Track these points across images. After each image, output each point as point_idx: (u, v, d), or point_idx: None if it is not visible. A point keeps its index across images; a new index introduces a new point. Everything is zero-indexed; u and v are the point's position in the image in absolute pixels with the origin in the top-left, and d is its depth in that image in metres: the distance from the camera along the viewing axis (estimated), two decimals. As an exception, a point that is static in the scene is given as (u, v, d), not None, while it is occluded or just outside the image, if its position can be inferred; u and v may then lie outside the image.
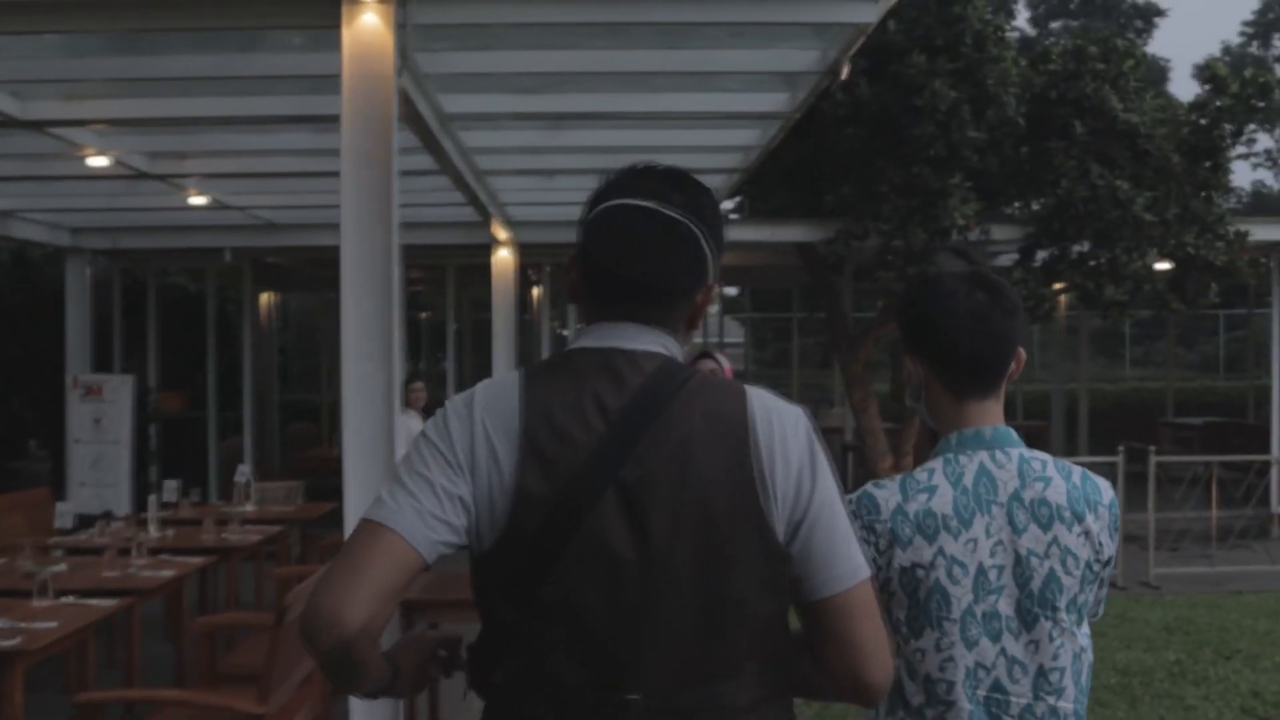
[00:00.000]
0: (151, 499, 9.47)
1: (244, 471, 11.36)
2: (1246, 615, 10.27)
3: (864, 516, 2.55)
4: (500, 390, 2.15)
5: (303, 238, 15.58)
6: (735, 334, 39.35)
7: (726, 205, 16.60)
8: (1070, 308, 19.79)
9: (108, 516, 11.34)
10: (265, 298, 22.90)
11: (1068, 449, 20.44)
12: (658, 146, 10.33)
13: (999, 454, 2.58)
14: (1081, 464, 2.70)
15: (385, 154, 6.51)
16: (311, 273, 20.86)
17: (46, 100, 8.96)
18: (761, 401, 2.16)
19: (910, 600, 2.52)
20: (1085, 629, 2.60)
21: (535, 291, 20.64)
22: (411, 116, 7.98)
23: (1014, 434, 2.64)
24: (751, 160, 10.60)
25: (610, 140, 10.27)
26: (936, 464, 2.60)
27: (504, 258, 15.08)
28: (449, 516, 2.07)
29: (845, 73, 7.48)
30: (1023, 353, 2.68)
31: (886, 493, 2.57)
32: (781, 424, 2.15)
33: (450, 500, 2.07)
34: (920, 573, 2.50)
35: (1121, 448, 11.98)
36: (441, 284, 19.07)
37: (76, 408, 14.78)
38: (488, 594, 2.14)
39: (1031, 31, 40.45)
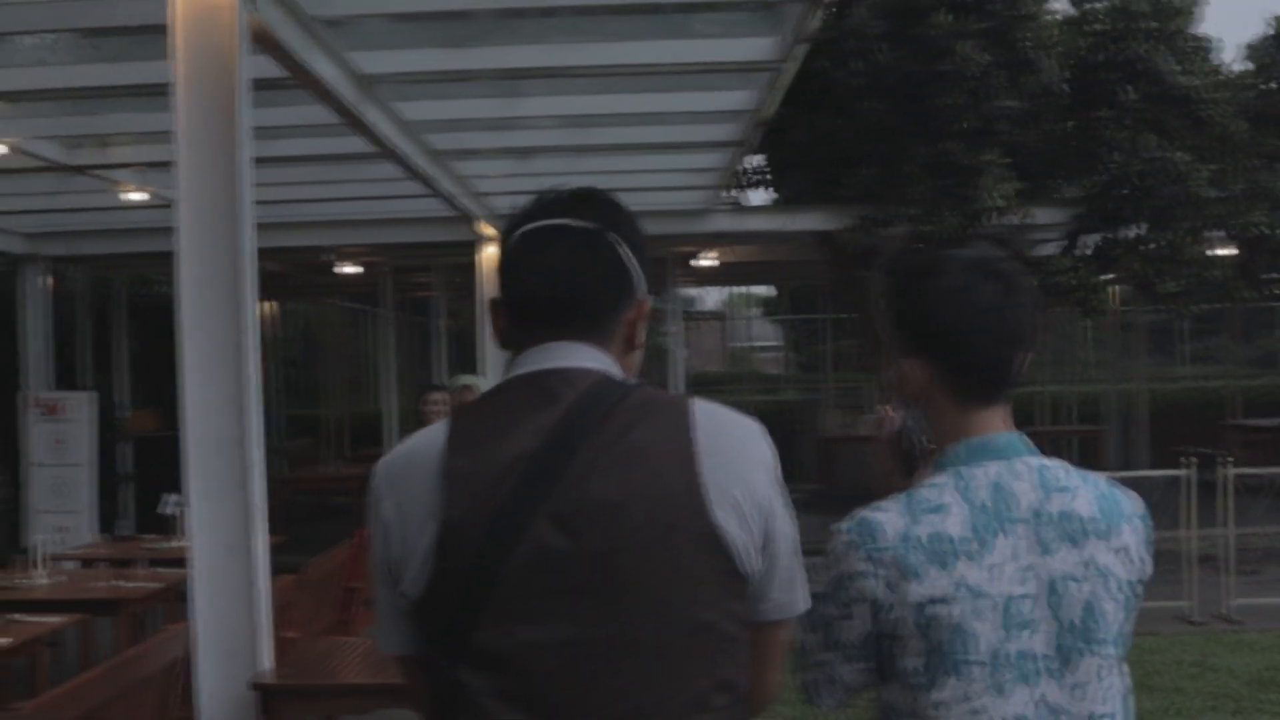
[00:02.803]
0: (36, 541, 8.12)
1: (173, 501, 9.87)
2: (1353, 662, 8.59)
3: (864, 545, 2.25)
4: (417, 446, 2.06)
5: (279, 238, 14.21)
6: (773, 337, 38.15)
7: (734, 194, 15.12)
8: (1123, 300, 18.36)
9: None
10: (267, 307, 21.86)
11: (1127, 457, 18.85)
12: (638, 114, 8.97)
13: (1015, 463, 2.30)
14: (1145, 477, 2.30)
15: (225, 119, 5.12)
16: (306, 279, 19.68)
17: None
18: (708, 413, 2.07)
19: (926, 644, 2.22)
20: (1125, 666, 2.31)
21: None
22: (306, 77, 6.55)
23: (1027, 440, 2.37)
24: (747, 128, 9.10)
25: (583, 108, 8.86)
26: (943, 479, 2.30)
27: (490, 255, 13.66)
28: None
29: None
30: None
31: (889, 515, 2.27)
32: (732, 437, 2.06)
33: (397, 608, 2.05)
34: (938, 609, 2.20)
35: (1193, 458, 10.45)
36: (446, 287, 17.88)
37: (34, 428, 13.57)
38: (428, 653, 2.01)
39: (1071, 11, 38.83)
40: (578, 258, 2.12)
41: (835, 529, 2.32)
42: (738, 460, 2.03)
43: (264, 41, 5.70)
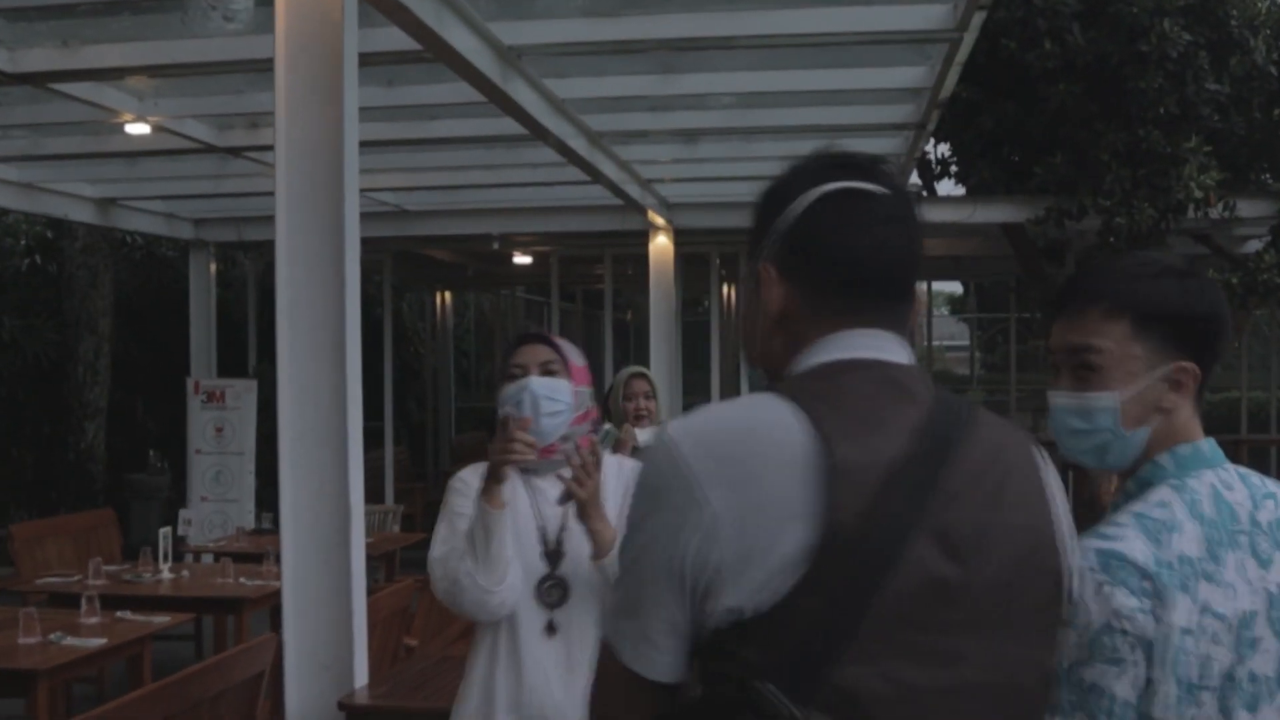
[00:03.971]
0: (163, 533, 7.84)
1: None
2: None
3: (1125, 581, 1.97)
4: (756, 423, 1.66)
5: (443, 226, 14.00)
6: (961, 336, 37.17)
7: (918, 185, 14.41)
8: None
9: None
10: (440, 297, 21.74)
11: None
12: (808, 92, 8.42)
13: (1222, 471, 2.13)
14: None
15: (329, 96, 4.70)
16: (481, 268, 19.46)
17: (37, 49, 7.35)
18: (1035, 443, 1.84)
19: (1173, 683, 1.96)
20: None
21: (727, 288, 18.81)
22: (440, 47, 6.10)
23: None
24: (925, 109, 8.44)
25: (747, 85, 8.27)
26: (1165, 494, 2.08)
27: (661, 245, 13.18)
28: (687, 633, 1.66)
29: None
30: None
31: (1130, 542, 2.00)
32: (1053, 473, 1.84)
33: (685, 623, 1.66)
34: (1186, 640, 1.96)
35: None
36: (628, 279, 17.48)
37: (197, 415, 13.48)
38: (747, 684, 1.57)
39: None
40: (910, 232, 1.84)
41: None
42: (1063, 501, 1.84)
43: (386, 4, 5.27)
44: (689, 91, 8.36)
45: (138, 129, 8.79)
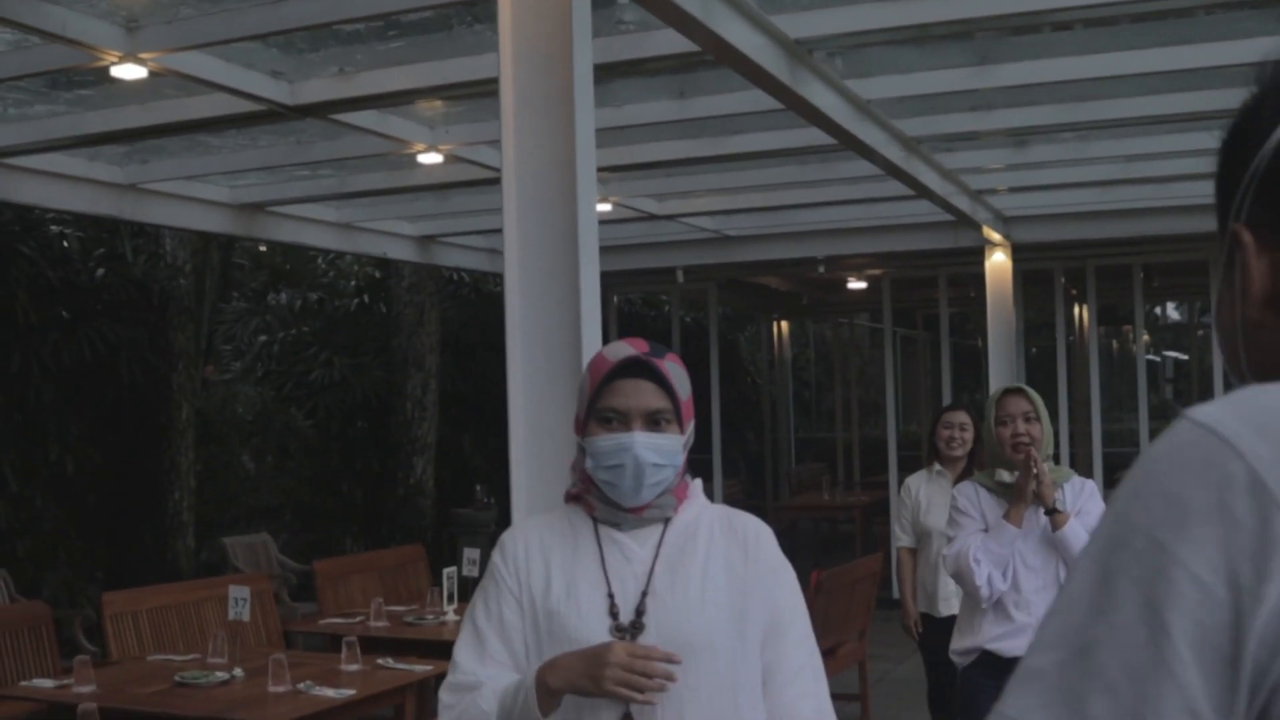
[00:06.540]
0: (447, 573, 7.35)
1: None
2: None
3: None
4: None
5: (766, 250, 13.30)
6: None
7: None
8: None
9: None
10: (779, 326, 21.21)
11: None
12: (1146, 75, 7.19)
13: None
14: None
15: (558, 105, 4.04)
16: (815, 296, 18.77)
17: (314, 79, 7.09)
18: None
19: None
20: None
21: (1081, 307, 17.53)
22: (716, 44, 5.44)
23: None
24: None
25: (1073, 71, 7.08)
26: None
27: (998, 263, 12.15)
28: None
29: None
30: None
31: None
32: None
33: None
34: None
35: None
36: (969, 301, 16.56)
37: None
38: None
39: None
40: None
41: None
42: None
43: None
44: (1011, 83, 7.38)
45: (430, 159, 8.43)
